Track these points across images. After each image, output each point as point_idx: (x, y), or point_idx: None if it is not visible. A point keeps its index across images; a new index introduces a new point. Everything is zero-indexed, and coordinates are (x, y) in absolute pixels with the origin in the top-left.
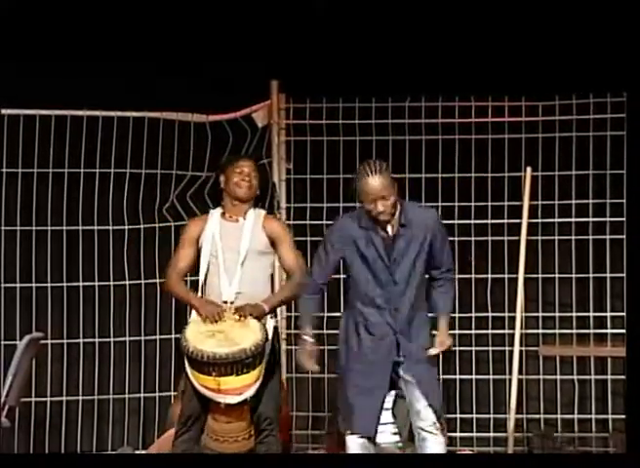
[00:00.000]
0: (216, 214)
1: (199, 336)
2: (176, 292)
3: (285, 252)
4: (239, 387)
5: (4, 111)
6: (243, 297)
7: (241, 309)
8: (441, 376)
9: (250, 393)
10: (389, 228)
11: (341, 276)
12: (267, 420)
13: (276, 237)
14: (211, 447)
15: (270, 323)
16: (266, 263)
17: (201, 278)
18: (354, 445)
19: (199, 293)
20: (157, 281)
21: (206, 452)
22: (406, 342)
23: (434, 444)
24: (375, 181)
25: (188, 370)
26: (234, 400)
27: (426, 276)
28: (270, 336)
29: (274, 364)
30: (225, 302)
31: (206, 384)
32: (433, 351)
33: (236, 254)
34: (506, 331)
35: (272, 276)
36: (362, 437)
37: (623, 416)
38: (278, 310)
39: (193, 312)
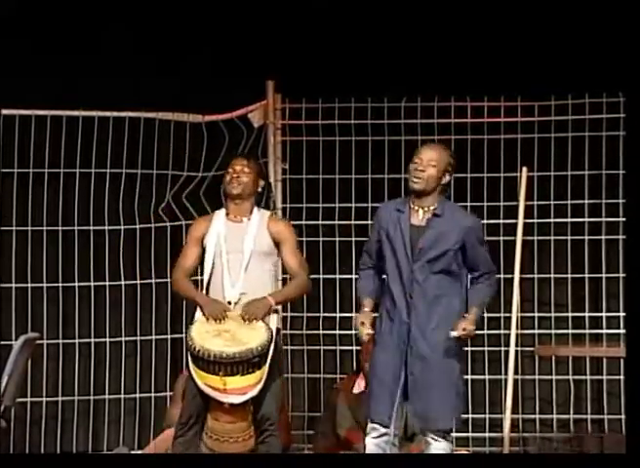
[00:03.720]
0: (221, 213)
1: (205, 335)
2: (182, 290)
3: (287, 254)
4: (243, 387)
5: None
6: (246, 298)
7: (247, 311)
8: None
9: (253, 393)
10: (421, 214)
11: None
12: (269, 421)
13: (280, 238)
14: (211, 447)
15: (273, 324)
16: (270, 264)
17: (205, 278)
18: (371, 439)
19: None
20: (153, 281)
21: (205, 452)
22: (417, 333)
23: (434, 450)
24: (429, 147)
25: (193, 369)
26: (238, 400)
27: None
28: (273, 337)
29: (276, 364)
30: (229, 303)
31: (211, 384)
32: (452, 334)
33: (240, 255)
34: (502, 332)
35: (276, 277)
36: (378, 436)
37: (619, 417)
38: None
39: (198, 311)
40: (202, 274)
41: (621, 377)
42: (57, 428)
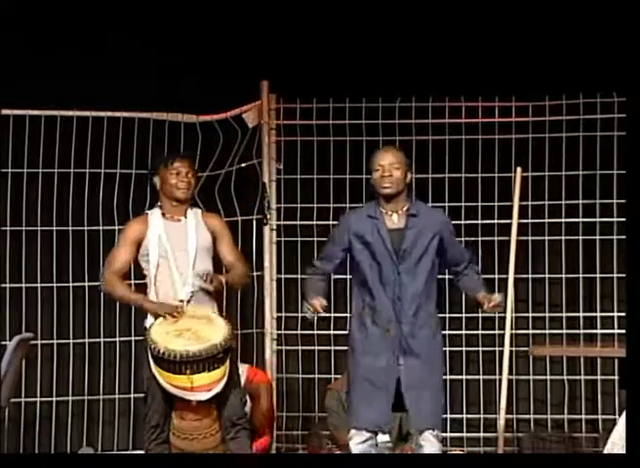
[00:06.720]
0: (156, 214)
1: (167, 337)
2: (119, 295)
3: (224, 247)
4: (209, 383)
5: None
6: (198, 295)
7: (207, 276)
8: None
9: (218, 388)
10: (396, 217)
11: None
12: (236, 415)
13: (216, 232)
14: (179, 446)
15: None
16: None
17: (151, 280)
18: (356, 444)
19: (150, 295)
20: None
21: (174, 452)
22: (409, 334)
23: (427, 450)
24: (386, 152)
25: (156, 371)
26: (205, 396)
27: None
28: (232, 331)
29: (232, 359)
30: (182, 301)
31: (178, 384)
32: (486, 306)
33: (185, 253)
34: (496, 332)
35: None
36: (366, 439)
37: (613, 417)
38: (267, 310)
39: (149, 316)
40: (143, 277)
41: (616, 377)
42: (51, 428)
